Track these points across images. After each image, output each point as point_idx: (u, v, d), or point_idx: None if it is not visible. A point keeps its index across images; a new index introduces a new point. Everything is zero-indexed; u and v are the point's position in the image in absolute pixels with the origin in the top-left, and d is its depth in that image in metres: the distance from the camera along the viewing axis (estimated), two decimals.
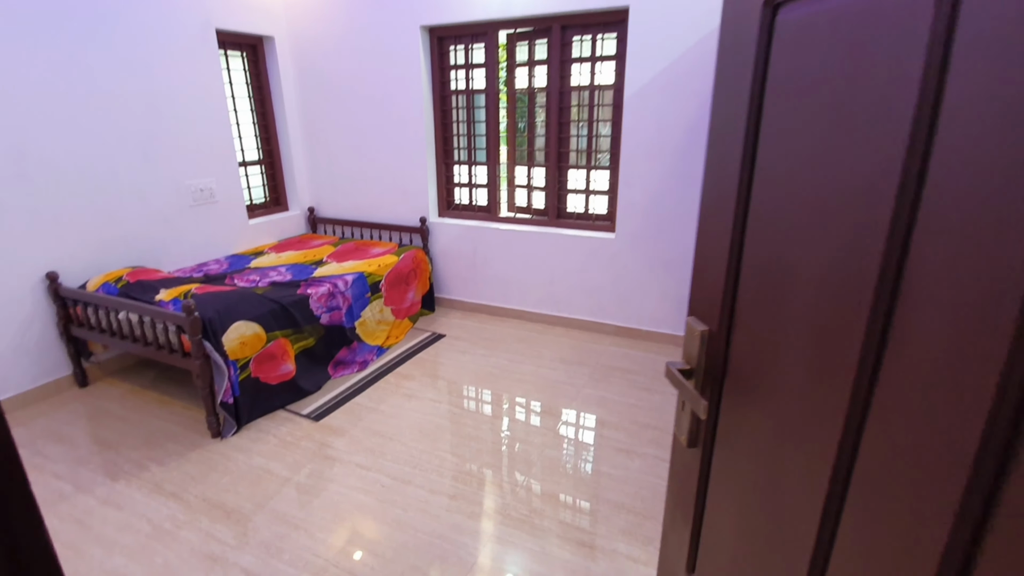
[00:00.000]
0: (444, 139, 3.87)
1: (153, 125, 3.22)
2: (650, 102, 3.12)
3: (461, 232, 3.90)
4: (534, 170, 3.71)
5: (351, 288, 3.23)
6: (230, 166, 3.73)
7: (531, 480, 2.29)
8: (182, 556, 1.92)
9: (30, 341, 2.82)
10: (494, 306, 3.98)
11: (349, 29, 3.79)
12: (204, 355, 2.45)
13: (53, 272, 2.83)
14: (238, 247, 3.88)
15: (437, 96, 3.76)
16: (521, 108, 3.68)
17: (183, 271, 3.37)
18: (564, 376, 3.15)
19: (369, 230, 4.23)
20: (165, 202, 3.36)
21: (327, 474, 2.33)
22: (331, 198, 4.36)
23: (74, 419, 2.75)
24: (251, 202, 4.11)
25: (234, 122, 3.85)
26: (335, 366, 3.13)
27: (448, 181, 4.00)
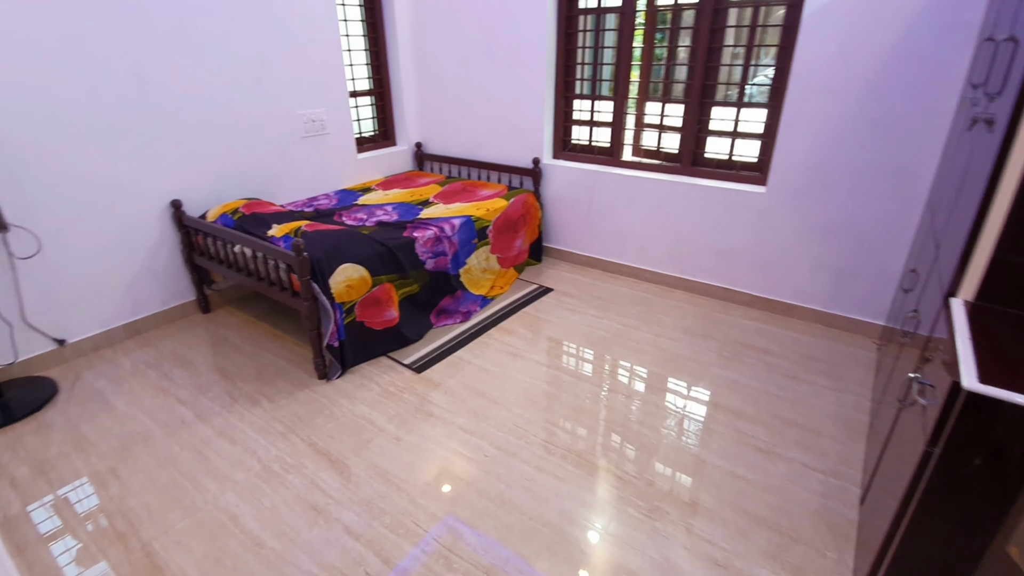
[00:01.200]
0: (566, 69, 3.42)
1: (266, 52, 3.09)
2: (836, 23, 2.46)
3: (577, 176, 3.51)
4: (669, 107, 3.18)
5: (458, 233, 3.01)
6: (341, 96, 3.57)
7: (650, 471, 2.01)
8: (288, 502, 1.89)
9: (159, 266, 2.92)
10: (608, 261, 3.61)
11: None
12: (312, 297, 2.37)
13: (177, 200, 2.86)
14: (347, 182, 3.79)
15: (563, 17, 3.29)
16: (662, 30, 3.12)
17: (295, 204, 3.33)
18: (687, 349, 2.77)
19: (477, 170, 3.96)
20: (278, 132, 3.27)
21: (429, 433, 2.20)
22: (439, 134, 4.11)
23: (197, 344, 2.85)
24: (360, 134, 3.97)
25: (346, 49, 3.65)
26: (438, 315, 2.97)
27: (567, 118, 3.57)
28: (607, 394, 2.44)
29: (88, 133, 2.51)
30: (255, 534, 1.77)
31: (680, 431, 2.21)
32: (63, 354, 2.66)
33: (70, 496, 1.94)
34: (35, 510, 1.88)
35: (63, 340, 2.65)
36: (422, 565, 1.65)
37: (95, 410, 2.35)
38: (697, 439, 2.17)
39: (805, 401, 2.38)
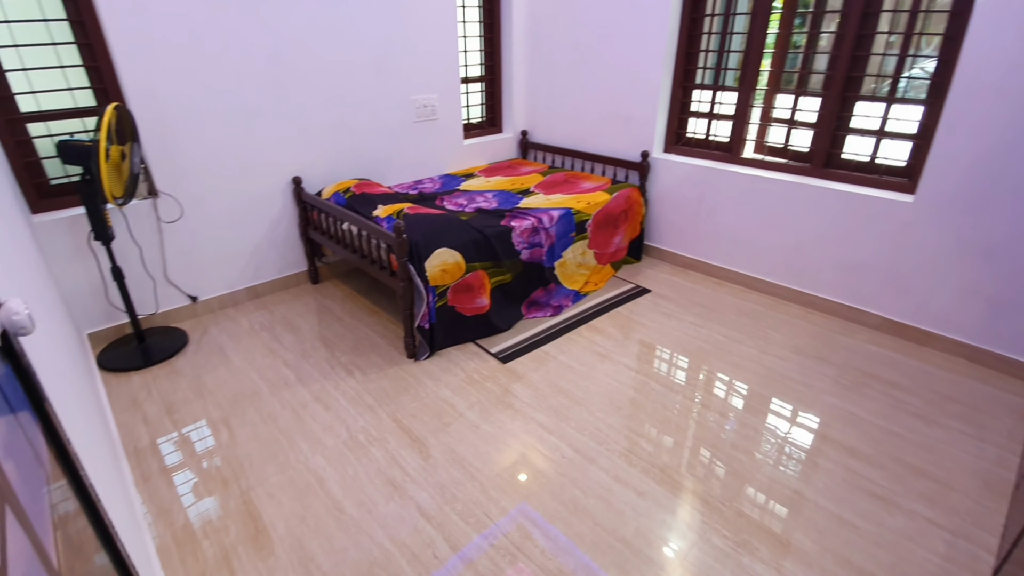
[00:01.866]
0: (687, 55, 3.20)
1: (387, 37, 3.20)
2: (1017, 11, 2.04)
3: (689, 172, 3.28)
4: (803, 100, 2.86)
5: (556, 225, 2.94)
6: (453, 82, 3.62)
7: (741, 500, 1.83)
8: (368, 473, 1.96)
9: (279, 237, 3.17)
10: (714, 265, 3.36)
11: None
12: (408, 278, 2.43)
13: (298, 177, 3.07)
14: (451, 166, 3.86)
15: (688, 2, 3.06)
16: (802, 14, 2.80)
17: (401, 186, 3.45)
18: (797, 371, 2.50)
19: (582, 161, 3.85)
20: (392, 116, 3.40)
21: (508, 425, 2.18)
22: (546, 122, 4.04)
23: (305, 312, 3.06)
24: (468, 121, 4.02)
25: (461, 36, 3.69)
26: (529, 306, 2.94)
27: (683, 109, 3.35)
28: (699, 409, 2.27)
29: (230, 112, 2.75)
30: (337, 499, 1.86)
31: (779, 460, 2.00)
32: (195, 309, 2.98)
33: (191, 435, 2.17)
34: (162, 444, 2.12)
35: (195, 297, 2.96)
36: (487, 557, 1.63)
37: (216, 363, 2.61)
38: (799, 472, 1.95)
39: (936, 448, 2.05)
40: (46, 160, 2.46)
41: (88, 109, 2.49)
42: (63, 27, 2.35)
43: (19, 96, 2.32)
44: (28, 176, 2.41)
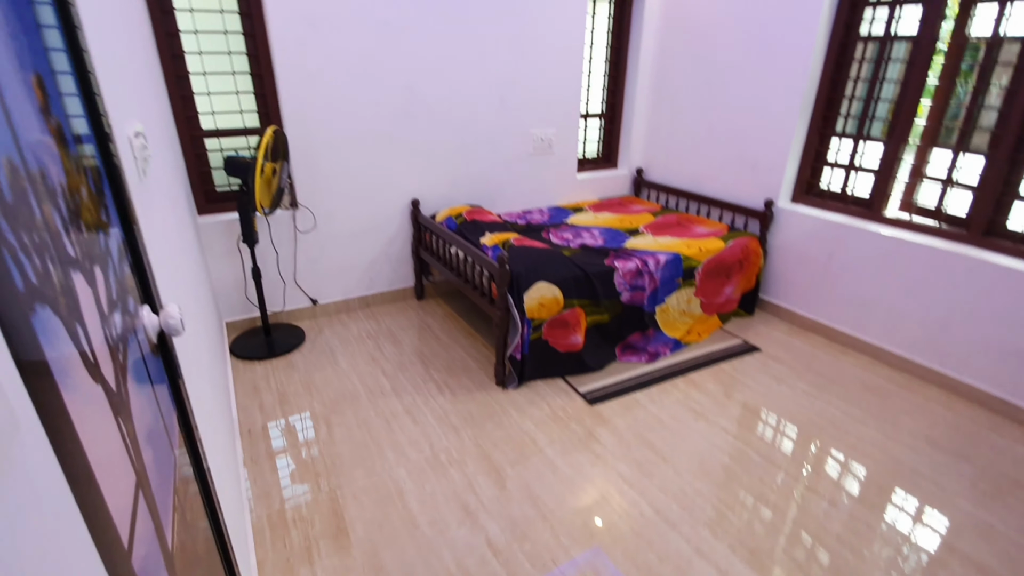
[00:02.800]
0: (828, 101, 2.97)
1: (514, 72, 3.34)
2: None
3: (819, 227, 3.02)
4: (963, 158, 2.53)
5: (662, 269, 2.85)
6: (572, 118, 3.68)
7: None
8: (445, 494, 2.00)
9: (393, 253, 3.39)
10: (839, 331, 3.04)
11: None
12: (506, 308, 2.48)
13: (416, 199, 3.28)
14: (561, 199, 3.90)
15: (836, 42, 2.85)
16: (968, 66, 2.49)
17: (510, 215, 3.55)
18: (927, 466, 2.17)
19: (697, 204, 3.71)
20: (509, 147, 3.52)
21: (587, 470, 2.12)
22: (663, 161, 3.95)
23: (408, 326, 3.23)
24: (583, 156, 4.05)
25: (586, 71, 3.75)
26: (624, 349, 2.86)
27: (817, 158, 3.10)
28: (804, 490, 2.04)
29: (366, 138, 3.03)
30: (413, 513, 1.92)
31: (893, 564, 1.73)
32: (314, 311, 3.28)
33: (296, 425, 2.38)
34: (271, 429, 2.34)
35: (316, 300, 3.26)
36: None
37: (325, 363, 2.84)
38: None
39: None
40: (215, 170, 2.86)
41: (252, 129, 2.87)
42: (241, 59, 2.74)
43: (201, 115, 2.74)
44: (200, 183, 2.82)
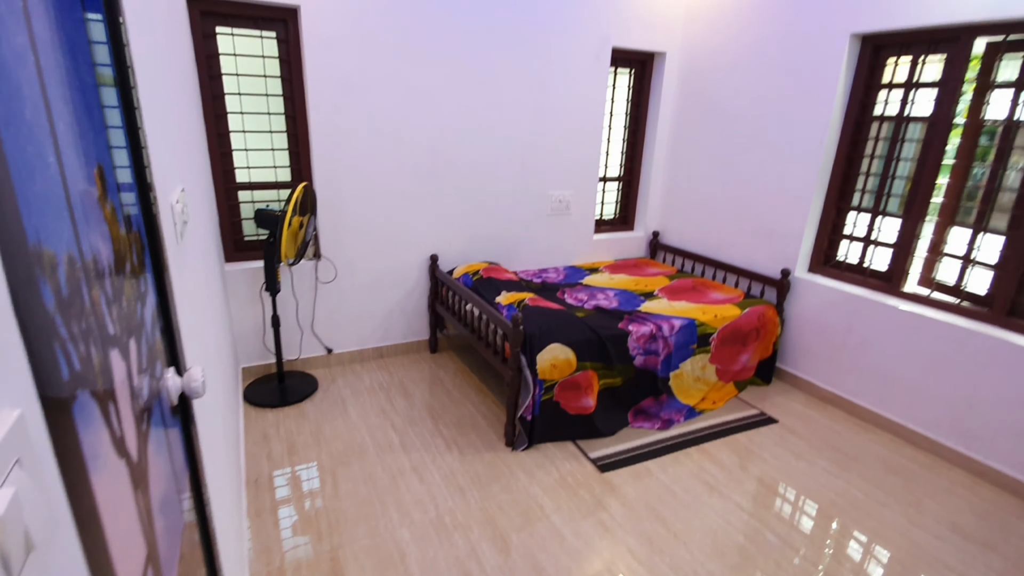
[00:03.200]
0: (845, 176, 3.02)
1: (535, 136, 3.48)
2: None
3: (837, 299, 3.00)
4: (984, 238, 2.53)
5: (676, 335, 2.84)
6: (590, 181, 3.79)
7: None
8: (447, 560, 1.95)
9: (409, 305, 3.44)
10: (859, 405, 2.96)
11: (754, 41, 3.29)
12: (518, 367, 2.48)
13: (435, 255, 3.36)
14: (577, 259, 3.95)
15: (851, 121, 2.93)
16: (985, 147, 2.53)
17: (527, 273, 3.60)
18: (954, 555, 2.05)
19: (713, 269, 3.72)
20: (529, 208, 3.62)
21: (595, 542, 2.05)
22: (678, 225, 4.01)
23: (419, 379, 3.23)
24: (600, 217, 4.13)
25: (605, 137, 3.89)
26: (636, 414, 2.82)
27: (835, 230, 3.12)
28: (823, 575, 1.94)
29: (389, 194, 3.14)
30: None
31: None
32: (328, 360, 3.30)
33: (302, 475, 2.36)
34: (278, 478, 2.33)
35: (331, 349, 3.29)
36: None
37: (336, 414, 2.83)
38: None
39: None
40: (245, 221, 2.98)
41: (284, 183, 3.00)
42: (279, 119, 2.91)
43: (237, 170, 2.88)
44: (231, 232, 2.94)
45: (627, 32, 3.57)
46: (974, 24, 2.39)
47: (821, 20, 2.90)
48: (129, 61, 0.87)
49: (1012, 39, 2.35)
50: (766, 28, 3.21)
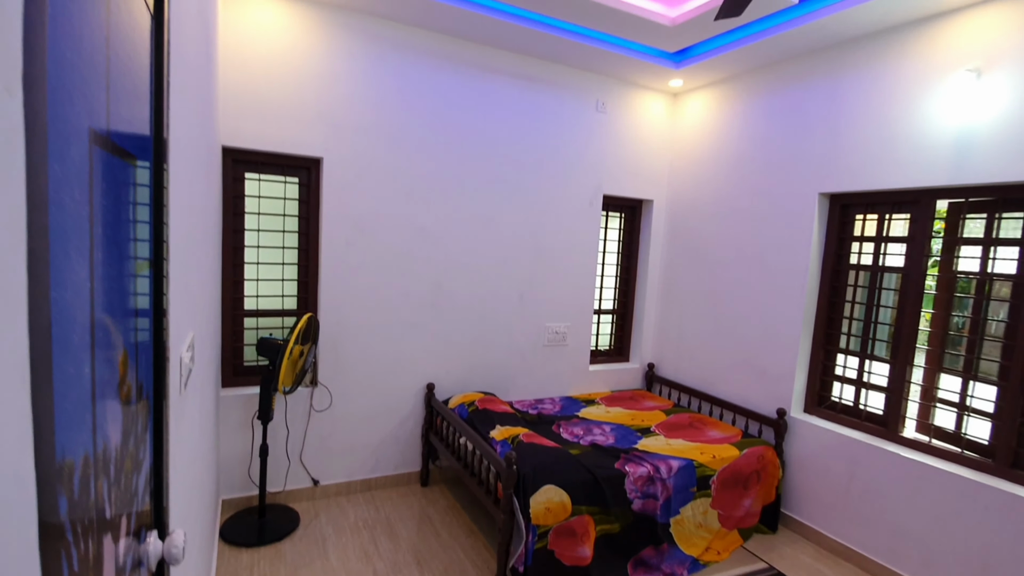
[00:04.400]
0: (829, 320, 3.13)
1: (534, 272, 3.66)
2: None
3: (836, 442, 2.96)
4: (974, 386, 2.56)
5: (675, 476, 2.75)
6: (586, 314, 3.91)
7: None
8: None
9: (403, 434, 3.38)
10: (872, 559, 2.78)
11: (732, 195, 3.60)
12: (511, 511, 2.38)
13: (432, 383, 3.37)
14: (574, 390, 3.95)
15: (828, 269, 3.11)
16: (962, 299, 2.66)
17: (522, 404, 3.57)
18: None
19: (710, 404, 3.70)
20: (526, 339, 3.70)
21: None
22: (673, 359, 4.06)
23: (408, 517, 3.07)
24: (596, 348, 4.19)
25: (599, 273, 4.09)
26: (636, 565, 2.63)
27: (825, 371, 3.17)
28: None
29: (392, 323, 3.24)
30: None
31: None
32: (314, 492, 3.16)
33: None
34: None
35: (317, 481, 3.17)
36: None
37: (314, 556, 2.65)
38: None
39: None
40: (247, 346, 3.04)
41: (290, 311, 3.11)
42: (292, 253, 3.09)
43: (246, 297, 3.00)
44: (231, 357, 2.98)
45: (617, 182, 3.92)
46: (934, 188, 2.64)
47: (790, 180, 3.20)
48: (165, 218, 0.96)
49: (973, 200, 2.57)
50: (741, 184, 3.53)
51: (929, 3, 2.47)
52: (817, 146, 3.07)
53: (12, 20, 0.33)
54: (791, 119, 3.22)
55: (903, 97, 2.68)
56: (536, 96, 3.52)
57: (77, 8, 0.47)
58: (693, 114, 3.93)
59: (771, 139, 3.34)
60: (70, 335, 0.46)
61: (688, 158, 3.97)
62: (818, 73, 3.07)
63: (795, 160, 3.18)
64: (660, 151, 4.09)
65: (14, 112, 0.34)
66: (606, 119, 3.80)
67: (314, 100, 2.90)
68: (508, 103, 3.43)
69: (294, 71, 2.84)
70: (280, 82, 2.82)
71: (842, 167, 2.94)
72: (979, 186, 2.47)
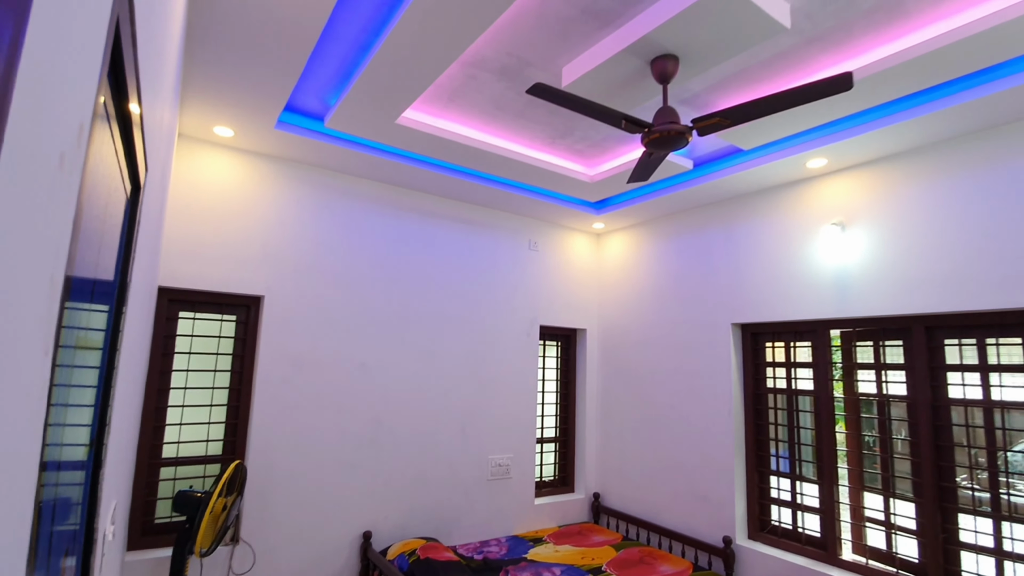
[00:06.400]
0: (757, 443, 3.28)
1: (476, 404, 3.66)
2: None
3: (781, 569, 2.95)
4: (895, 504, 2.71)
5: None
6: (528, 443, 3.89)
7: None
8: None
9: None
10: None
11: (656, 323, 3.89)
12: None
13: (368, 531, 3.13)
14: (520, 527, 3.78)
15: (749, 394, 3.33)
16: (868, 419, 2.91)
17: (467, 548, 3.36)
18: None
19: (658, 536, 3.63)
20: (469, 474, 3.58)
21: None
22: (618, 487, 4.03)
23: None
24: (540, 478, 4.10)
25: (540, 402, 4.14)
26: None
27: (762, 495, 3.25)
28: None
29: (326, 466, 3.07)
30: None
31: None
32: None
33: None
34: None
35: None
36: None
37: None
38: None
39: None
40: (160, 500, 2.75)
41: (214, 457, 2.89)
42: (222, 393, 2.96)
43: (166, 444, 2.78)
44: (141, 514, 2.67)
45: (552, 313, 4.15)
46: (826, 320, 3.00)
47: (706, 311, 3.54)
48: (116, 363, 0.96)
49: (860, 330, 2.93)
50: (664, 315, 3.84)
51: (796, 171, 3.01)
52: (725, 282, 3.45)
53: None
54: (701, 258, 3.64)
55: (789, 242, 3.14)
56: (474, 237, 3.80)
57: (92, 205, 0.55)
58: (616, 252, 4.35)
59: (686, 275, 3.72)
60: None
61: (615, 290, 4.30)
62: (718, 221, 3.56)
63: (708, 294, 3.54)
64: (589, 284, 4.42)
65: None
66: (539, 256, 4.13)
67: (259, 242, 3.00)
68: (448, 244, 3.68)
69: (240, 215, 2.96)
70: (225, 225, 2.91)
71: (748, 301, 3.31)
72: (861, 318, 2.84)
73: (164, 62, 1.24)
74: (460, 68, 2.39)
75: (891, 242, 2.70)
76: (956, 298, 2.46)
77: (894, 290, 2.66)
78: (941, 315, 2.56)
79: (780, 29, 1.90)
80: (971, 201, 2.46)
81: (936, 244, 2.54)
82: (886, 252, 2.71)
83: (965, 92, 2.24)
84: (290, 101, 2.70)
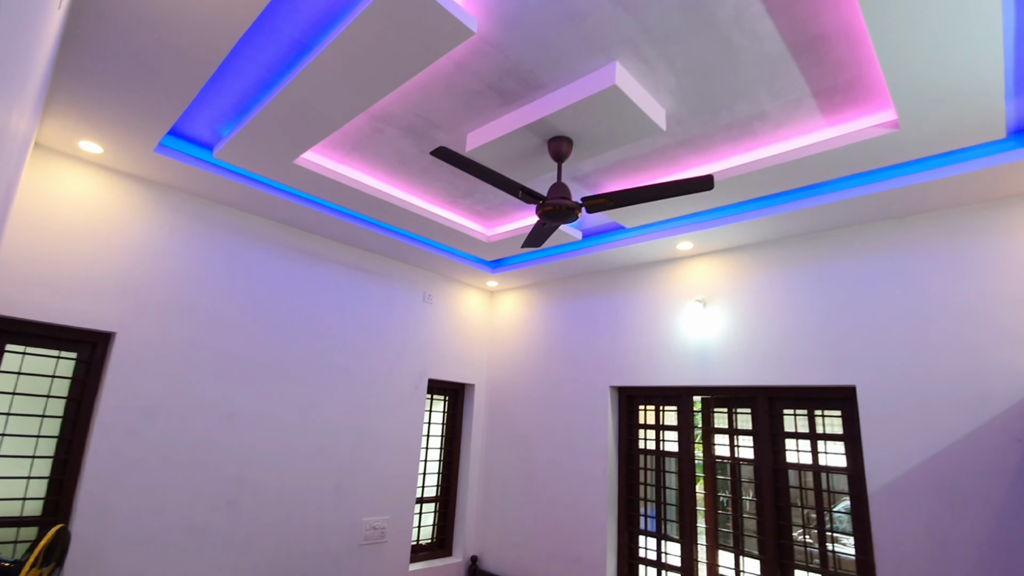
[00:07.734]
0: (628, 502, 3.44)
1: (354, 460, 3.47)
2: (914, 503, 2.40)
3: None
4: (745, 561, 2.95)
5: None
6: (407, 503, 3.73)
7: None
8: None
9: None
10: None
11: (541, 382, 4.02)
12: None
13: None
14: None
15: (623, 454, 3.52)
16: (723, 480, 3.19)
17: None
18: None
19: None
20: (339, 540, 3.33)
21: None
22: (496, 549, 3.97)
23: None
24: (417, 541, 3.93)
25: (423, 458, 4.03)
26: None
27: (631, 555, 3.37)
28: None
29: (174, 532, 2.69)
30: None
31: None
32: None
33: None
34: None
35: None
36: None
37: None
38: None
39: None
40: None
41: (30, 519, 2.43)
42: (50, 443, 2.53)
43: None
44: None
45: (442, 367, 4.12)
46: (690, 387, 3.29)
47: (587, 373, 3.73)
48: None
49: (717, 397, 3.25)
50: (549, 374, 3.99)
51: (669, 251, 3.37)
52: (604, 346, 3.68)
53: None
54: (584, 322, 3.86)
55: (659, 315, 3.46)
56: (369, 285, 3.73)
57: None
58: (508, 310, 4.48)
59: (570, 337, 3.92)
60: None
61: (504, 346, 4.40)
62: (602, 289, 3.83)
63: (589, 356, 3.75)
64: (480, 339, 4.48)
65: None
66: (432, 310, 4.13)
67: (118, 271, 2.69)
68: (340, 290, 3.56)
69: (100, 240, 2.65)
70: (79, 249, 2.59)
71: (624, 365, 3.55)
72: (718, 387, 3.16)
73: (24, 62, 1.13)
74: (367, 120, 2.42)
75: (743, 320, 3.08)
76: (793, 373, 2.84)
77: (744, 363, 3.02)
78: (781, 387, 2.93)
79: (657, 130, 2.18)
80: (805, 291, 2.90)
81: (778, 325, 2.95)
82: (739, 329, 3.09)
83: (799, 200, 2.69)
84: (176, 126, 2.54)
